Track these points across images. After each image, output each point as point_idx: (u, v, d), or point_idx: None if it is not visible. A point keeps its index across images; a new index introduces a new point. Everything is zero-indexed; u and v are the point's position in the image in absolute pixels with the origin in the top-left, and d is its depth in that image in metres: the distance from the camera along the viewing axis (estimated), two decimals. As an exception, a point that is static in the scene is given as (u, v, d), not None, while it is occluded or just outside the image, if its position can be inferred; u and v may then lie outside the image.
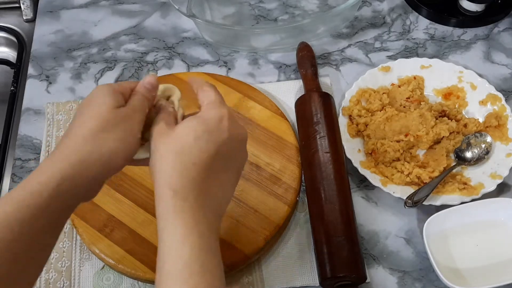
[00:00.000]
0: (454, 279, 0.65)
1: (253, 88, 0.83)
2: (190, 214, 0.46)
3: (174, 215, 0.46)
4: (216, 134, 0.49)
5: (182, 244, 0.45)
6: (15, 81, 0.93)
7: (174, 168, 0.47)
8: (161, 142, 0.49)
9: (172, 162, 0.47)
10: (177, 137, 0.49)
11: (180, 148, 0.48)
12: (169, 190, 0.46)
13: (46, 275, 0.69)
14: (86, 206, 0.71)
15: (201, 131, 0.48)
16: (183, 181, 0.47)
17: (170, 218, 0.46)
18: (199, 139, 0.48)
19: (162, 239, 0.46)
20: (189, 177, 0.47)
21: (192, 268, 0.44)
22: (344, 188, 0.71)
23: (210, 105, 0.51)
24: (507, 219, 0.70)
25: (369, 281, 0.68)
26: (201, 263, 0.45)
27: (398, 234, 0.72)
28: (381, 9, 0.98)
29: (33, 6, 1.01)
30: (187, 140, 0.48)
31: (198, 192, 0.47)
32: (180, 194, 0.46)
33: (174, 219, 0.46)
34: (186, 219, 0.46)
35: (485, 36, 0.94)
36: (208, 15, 0.96)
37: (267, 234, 0.68)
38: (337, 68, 0.90)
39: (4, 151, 0.85)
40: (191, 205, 0.47)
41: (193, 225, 0.46)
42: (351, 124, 0.80)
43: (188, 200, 0.46)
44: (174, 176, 0.47)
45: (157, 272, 0.46)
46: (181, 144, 0.48)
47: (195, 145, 0.48)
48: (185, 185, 0.47)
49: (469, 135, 0.78)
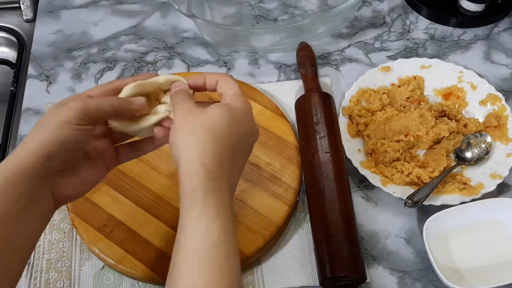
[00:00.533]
0: (454, 279, 0.65)
1: (253, 88, 0.83)
2: (220, 195, 0.47)
3: (206, 194, 0.46)
4: (243, 124, 0.51)
5: (212, 225, 0.45)
6: (15, 81, 0.93)
7: (206, 146, 0.47)
8: (192, 118, 0.49)
9: (204, 139, 0.47)
10: (210, 118, 0.49)
11: (215, 128, 0.48)
12: (202, 167, 0.46)
13: (46, 275, 0.69)
14: (86, 206, 0.71)
15: (231, 118, 0.49)
16: (215, 161, 0.47)
17: (201, 197, 0.46)
18: (231, 124, 0.49)
19: (190, 217, 0.46)
20: (220, 159, 0.47)
21: (220, 250, 0.45)
22: (344, 188, 0.71)
23: (236, 96, 0.52)
24: (507, 219, 0.70)
25: (369, 281, 0.68)
26: (227, 245, 0.45)
27: (398, 234, 0.72)
28: (381, 9, 0.98)
29: (33, 6, 1.01)
30: (221, 123, 0.49)
31: (226, 175, 0.48)
32: (212, 173, 0.46)
33: (205, 198, 0.46)
34: (216, 200, 0.46)
35: (485, 36, 0.94)
36: (208, 15, 0.96)
37: (267, 234, 0.68)
38: (337, 68, 0.90)
39: (4, 151, 0.85)
40: (220, 187, 0.47)
41: (222, 206, 0.46)
42: (351, 124, 0.80)
43: (218, 181, 0.47)
44: (207, 154, 0.47)
45: (180, 249, 0.45)
46: (215, 124, 0.48)
47: (228, 129, 0.49)
48: (216, 166, 0.47)
49: (469, 135, 0.78)
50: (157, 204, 0.71)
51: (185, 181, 0.47)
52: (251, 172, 0.74)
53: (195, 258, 0.44)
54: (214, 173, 0.47)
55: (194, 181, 0.46)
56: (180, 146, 0.48)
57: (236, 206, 0.71)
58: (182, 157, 0.47)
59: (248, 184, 0.73)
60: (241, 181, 0.73)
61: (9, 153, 0.85)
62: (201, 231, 0.45)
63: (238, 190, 0.72)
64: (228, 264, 0.45)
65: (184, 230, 0.46)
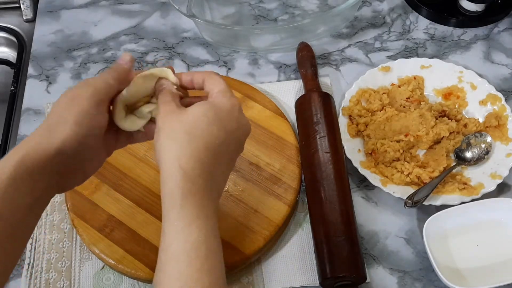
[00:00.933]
0: (454, 279, 0.65)
1: (253, 88, 0.83)
2: (198, 197, 0.46)
3: (183, 197, 0.46)
4: (227, 122, 0.50)
5: (190, 227, 0.45)
6: (15, 81, 0.93)
7: (184, 148, 0.47)
8: (172, 120, 0.49)
9: (182, 141, 0.47)
10: (189, 118, 0.48)
11: (193, 129, 0.48)
12: (179, 170, 0.46)
13: (46, 275, 0.69)
14: (86, 206, 0.71)
15: (213, 117, 0.49)
16: (193, 163, 0.47)
17: (178, 200, 0.46)
18: (211, 124, 0.48)
19: (169, 219, 0.46)
20: (199, 160, 0.47)
21: (198, 250, 0.45)
22: (344, 188, 0.71)
23: (222, 93, 0.51)
24: (507, 219, 0.70)
25: (369, 281, 0.68)
26: (207, 245, 0.45)
27: (398, 234, 0.72)
28: (381, 9, 0.98)
29: (33, 6, 1.01)
30: (200, 124, 0.48)
31: (207, 176, 0.47)
32: (189, 176, 0.46)
33: (182, 201, 0.46)
34: (194, 202, 0.46)
35: (485, 36, 0.94)
36: (208, 15, 0.96)
37: (267, 234, 0.68)
38: (337, 68, 0.90)
39: (4, 151, 0.85)
40: (199, 189, 0.47)
41: (200, 208, 0.46)
42: (351, 124, 0.80)
43: (196, 183, 0.47)
44: (184, 156, 0.47)
45: (162, 252, 0.46)
46: (194, 126, 0.48)
47: (207, 130, 0.48)
48: (195, 168, 0.47)
49: (469, 135, 0.78)
50: (157, 204, 0.71)
51: (164, 183, 0.47)
52: (251, 172, 0.74)
53: (174, 260, 0.45)
54: (191, 175, 0.46)
55: (172, 184, 0.46)
56: (160, 148, 0.48)
57: (236, 206, 0.71)
58: (161, 159, 0.48)
59: (248, 184, 0.73)
60: (241, 181, 0.73)
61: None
62: (179, 233, 0.45)
63: (238, 190, 0.72)
64: (207, 264, 0.45)
65: (163, 233, 0.46)
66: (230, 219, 0.70)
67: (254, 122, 0.79)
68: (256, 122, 0.79)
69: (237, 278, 0.68)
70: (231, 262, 0.66)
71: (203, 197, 0.47)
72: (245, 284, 0.68)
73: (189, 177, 0.46)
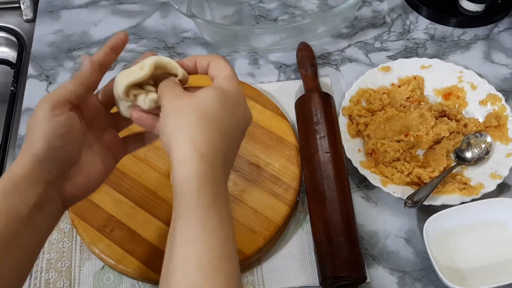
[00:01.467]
0: (454, 279, 0.65)
1: (253, 88, 0.83)
2: (215, 182, 0.45)
3: (201, 180, 0.44)
4: (237, 109, 0.48)
5: (208, 212, 0.44)
6: (15, 81, 0.93)
7: (199, 131, 0.45)
8: (182, 104, 0.47)
9: (197, 125, 0.45)
10: (201, 101, 0.47)
11: (206, 113, 0.46)
12: (195, 152, 0.44)
13: (46, 275, 0.69)
14: (86, 206, 0.71)
15: (225, 102, 0.47)
16: (208, 146, 0.45)
17: (197, 183, 0.44)
18: (224, 109, 0.47)
19: (186, 204, 0.44)
20: (214, 143, 0.45)
21: (218, 235, 0.44)
22: (344, 188, 0.70)
23: (230, 80, 0.49)
24: (507, 219, 0.70)
25: (369, 281, 0.68)
26: (226, 232, 0.44)
27: (398, 234, 0.72)
28: (381, 9, 0.98)
29: (33, 6, 1.01)
30: (213, 108, 0.46)
31: (222, 161, 0.46)
32: (207, 158, 0.44)
33: (201, 184, 0.44)
34: (212, 186, 0.44)
35: (485, 36, 0.94)
36: (208, 15, 0.96)
37: (267, 234, 0.68)
38: (337, 68, 0.90)
39: (4, 151, 0.85)
40: (216, 173, 0.45)
41: (218, 193, 0.45)
42: (351, 124, 0.80)
43: (213, 167, 0.45)
44: (200, 138, 0.45)
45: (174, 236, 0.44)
46: (207, 110, 0.46)
47: (221, 114, 0.47)
48: (211, 151, 0.45)
49: (469, 135, 0.78)
50: (157, 204, 0.71)
51: (178, 168, 0.44)
52: (251, 172, 0.74)
53: (192, 245, 0.43)
54: (207, 158, 0.44)
55: (189, 167, 0.44)
56: (171, 130, 0.46)
57: (236, 206, 0.71)
58: (174, 141, 0.45)
59: (248, 184, 0.73)
60: (241, 181, 0.73)
61: (9, 153, 0.85)
62: (197, 219, 0.43)
63: (238, 190, 0.72)
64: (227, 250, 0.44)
65: (180, 219, 0.44)
66: (230, 219, 0.70)
67: (254, 122, 0.79)
68: (256, 122, 0.79)
69: (237, 278, 0.68)
70: (231, 262, 0.66)
71: (221, 181, 0.46)
72: (245, 284, 0.68)
73: (206, 160, 0.44)
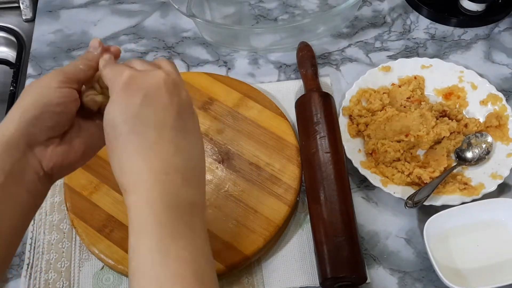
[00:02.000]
0: (455, 279, 0.65)
1: (253, 88, 0.83)
2: (182, 207, 0.45)
3: (163, 211, 0.45)
4: (154, 103, 0.47)
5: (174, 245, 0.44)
6: (15, 81, 0.93)
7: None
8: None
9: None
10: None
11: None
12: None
13: (46, 276, 0.68)
14: (85, 206, 0.71)
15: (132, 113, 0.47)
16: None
17: (157, 216, 0.45)
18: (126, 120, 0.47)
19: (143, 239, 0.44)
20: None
21: (183, 277, 0.42)
22: (344, 188, 0.70)
23: (115, 86, 0.48)
24: (508, 219, 0.70)
25: (370, 282, 0.68)
26: (194, 268, 0.43)
27: (399, 234, 0.72)
28: (382, 9, 0.98)
29: (33, 6, 1.01)
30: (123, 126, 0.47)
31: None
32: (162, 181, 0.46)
33: (162, 217, 0.45)
34: (176, 216, 0.45)
35: (486, 36, 0.94)
36: (208, 15, 0.96)
37: (267, 235, 0.68)
38: (337, 68, 0.90)
39: (4, 151, 0.84)
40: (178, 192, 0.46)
41: (184, 223, 0.45)
42: (351, 124, 0.80)
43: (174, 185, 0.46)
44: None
45: (134, 276, 0.43)
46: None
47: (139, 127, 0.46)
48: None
49: (470, 135, 0.78)
50: (156, 204, 0.71)
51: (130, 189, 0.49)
52: (251, 172, 0.74)
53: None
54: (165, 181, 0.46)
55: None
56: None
57: (236, 206, 0.71)
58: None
59: (248, 184, 0.73)
60: (241, 181, 0.73)
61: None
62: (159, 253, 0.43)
63: (238, 190, 0.72)
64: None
65: (134, 252, 0.44)
66: (230, 219, 0.70)
67: (254, 122, 0.79)
68: (256, 122, 0.79)
69: (237, 278, 0.68)
70: (231, 263, 0.66)
71: (185, 201, 0.45)
72: (245, 285, 0.68)
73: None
